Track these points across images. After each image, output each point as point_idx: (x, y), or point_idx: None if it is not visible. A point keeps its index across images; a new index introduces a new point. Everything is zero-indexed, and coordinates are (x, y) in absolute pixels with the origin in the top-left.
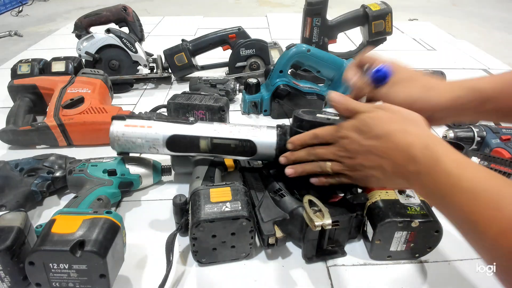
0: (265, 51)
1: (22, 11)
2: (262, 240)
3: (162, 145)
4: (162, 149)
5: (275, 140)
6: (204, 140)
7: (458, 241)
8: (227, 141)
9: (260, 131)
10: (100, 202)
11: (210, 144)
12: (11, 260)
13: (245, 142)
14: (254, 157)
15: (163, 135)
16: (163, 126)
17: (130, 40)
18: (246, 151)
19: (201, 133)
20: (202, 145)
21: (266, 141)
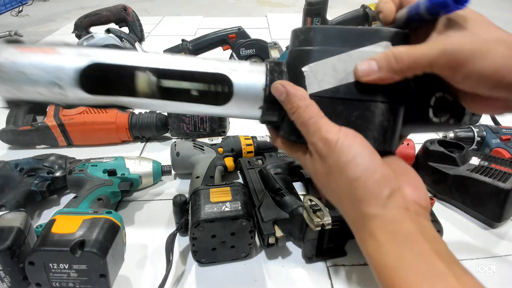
0: (265, 51)
1: (22, 11)
2: (262, 240)
3: (70, 81)
4: (71, 90)
5: (263, 79)
6: (144, 74)
7: (458, 241)
8: (184, 79)
9: (239, 64)
10: (100, 202)
11: (155, 84)
12: (11, 260)
13: (215, 79)
14: (227, 110)
15: (74, 66)
16: (75, 53)
17: (130, 40)
18: (216, 96)
19: (139, 63)
20: (141, 83)
21: (249, 81)
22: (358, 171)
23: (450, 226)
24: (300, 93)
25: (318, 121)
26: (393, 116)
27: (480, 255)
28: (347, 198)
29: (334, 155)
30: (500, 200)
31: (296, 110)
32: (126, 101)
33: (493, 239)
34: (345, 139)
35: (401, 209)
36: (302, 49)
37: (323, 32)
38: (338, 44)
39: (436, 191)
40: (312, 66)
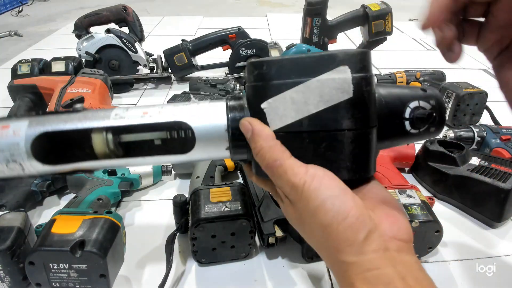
0: (265, 51)
1: (22, 11)
2: (262, 240)
3: (26, 155)
4: (29, 163)
5: (225, 120)
6: (100, 134)
7: (458, 241)
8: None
9: (197, 107)
10: (100, 202)
11: (113, 142)
12: (11, 260)
13: (174, 128)
14: (194, 155)
15: (25, 136)
16: (24, 124)
17: (130, 40)
18: (179, 143)
19: (94, 123)
20: (98, 144)
21: (210, 124)
22: (329, 217)
23: (450, 226)
24: (265, 132)
25: (283, 163)
26: (364, 141)
27: (480, 255)
28: (322, 245)
29: (303, 200)
30: (500, 200)
31: (259, 151)
32: (87, 166)
33: (493, 239)
34: (312, 181)
35: (380, 251)
36: (257, 84)
37: (277, 64)
38: (294, 76)
39: (436, 191)
40: (271, 102)
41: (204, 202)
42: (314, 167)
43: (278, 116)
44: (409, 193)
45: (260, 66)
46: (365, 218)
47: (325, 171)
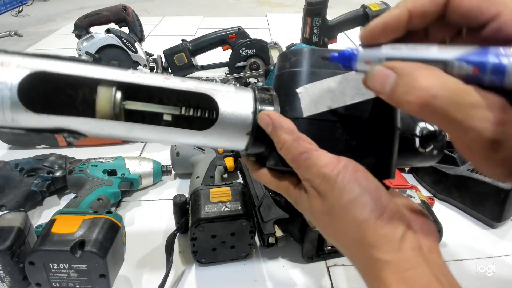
0: (265, 51)
1: (22, 11)
2: (262, 240)
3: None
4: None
5: (252, 103)
6: (108, 89)
7: (459, 241)
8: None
9: (223, 86)
10: (100, 202)
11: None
12: (11, 260)
13: (197, 100)
14: (209, 135)
15: (14, 70)
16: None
17: (130, 40)
18: (196, 119)
19: (105, 75)
20: (102, 99)
21: (236, 103)
22: (365, 212)
23: (450, 226)
24: (287, 125)
25: (311, 155)
26: (392, 141)
27: (480, 255)
28: (354, 242)
29: (335, 192)
30: (500, 200)
31: (283, 144)
32: (79, 124)
33: (493, 239)
34: (347, 173)
35: (415, 250)
36: (295, 70)
37: (316, 53)
38: (332, 66)
39: (436, 191)
40: (307, 87)
41: (204, 202)
42: (346, 159)
43: (313, 103)
44: (409, 193)
45: (300, 53)
46: (401, 214)
47: (358, 164)
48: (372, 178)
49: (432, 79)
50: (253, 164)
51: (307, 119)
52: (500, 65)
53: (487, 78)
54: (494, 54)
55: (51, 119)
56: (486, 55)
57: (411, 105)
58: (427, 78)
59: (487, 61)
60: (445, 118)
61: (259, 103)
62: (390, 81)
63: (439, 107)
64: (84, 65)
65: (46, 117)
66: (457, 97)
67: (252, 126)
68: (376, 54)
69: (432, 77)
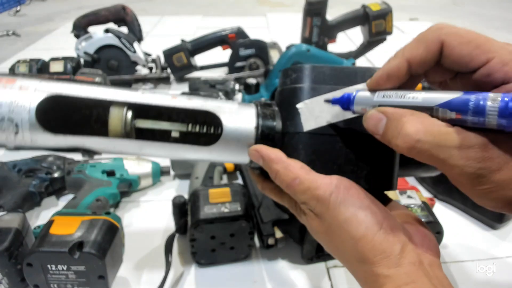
0: (265, 51)
1: (19, 10)
2: (262, 241)
3: (27, 115)
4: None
5: (254, 122)
6: (120, 109)
7: (459, 242)
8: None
9: (226, 104)
10: (98, 203)
11: (130, 122)
12: (9, 261)
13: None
14: (214, 151)
15: (33, 94)
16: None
17: (129, 40)
18: (201, 136)
19: (117, 96)
20: (114, 119)
21: (239, 123)
22: (362, 229)
23: (450, 227)
24: (274, 155)
25: (304, 180)
26: (393, 153)
27: (481, 256)
28: (354, 259)
29: (330, 212)
30: None
31: (276, 174)
32: (93, 143)
33: (494, 240)
34: (339, 192)
35: (415, 264)
36: (295, 86)
37: (316, 70)
38: (332, 82)
39: (437, 192)
40: (307, 102)
41: (204, 203)
42: (338, 178)
43: (313, 117)
44: (409, 194)
45: (299, 70)
46: (399, 229)
47: (350, 182)
48: (365, 195)
49: (416, 125)
50: (258, 176)
51: (308, 133)
52: (480, 110)
53: (469, 120)
54: (474, 100)
55: (67, 139)
56: (467, 102)
57: (399, 148)
58: (412, 125)
59: (468, 108)
60: (431, 158)
61: (262, 118)
62: (382, 124)
63: (423, 150)
64: (97, 88)
65: (63, 137)
66: (439, 140)
67: (255, 141)
68: (369, 101)
69: (417, 123)
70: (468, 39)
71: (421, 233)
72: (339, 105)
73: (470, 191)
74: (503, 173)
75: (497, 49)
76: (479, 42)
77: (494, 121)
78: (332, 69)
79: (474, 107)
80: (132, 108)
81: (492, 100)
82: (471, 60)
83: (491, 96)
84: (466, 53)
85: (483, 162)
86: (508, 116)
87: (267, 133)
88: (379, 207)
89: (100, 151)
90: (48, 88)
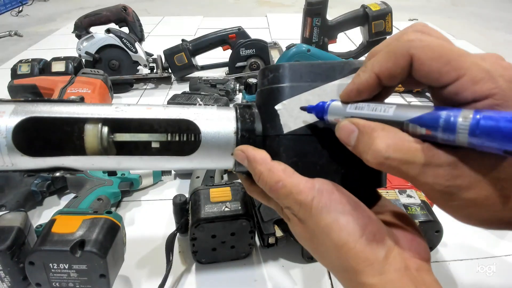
0: (265, 51)
1: (22, 11)
2: (262, 240)
3: (5, 140)
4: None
5: (234, 123)
6: (95, 125)
7: (459, 241)
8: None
9: (205, 110)
10: (100, 202)
11: (107, 138)
12: (11, 260)
13: (180, 126)
14: (195, 159)
15: (8, 119)
16: (10, 107)
17: (130, 40)
18: (180, 145)
19: (90, 113)
20: (90, 136)
21: (217, 128)
22: (344, 236)
23: (450, 226)
24: (260, 156)
25: (286, 183)
26: None
27: (480, 255)
28: (338, 267)
29: (313, 218)
30: None
31: (259, 176)
32: (72, 162)
33: (493, 239)
34: (322, 197)
35: (401, 270)
36: (273, 87)
37: (293, 68)
38: (309, 79)
39: None
40: (285, 103)
41: (204, 202)
42: (321, 181)
43: (292, 118)
44: (409, 193)
45: (276, 69)
46: (383, 234)
47: (334, 185)
48: (348, 199)
49: (387, 141)
50: (245, 180)
51: (288, 135)
52: (450, 128)
53: (439, 137)
54: (445, 116)
55: (46, 160)
56: (437, 118)
57: (369, 163)
58: (382, 140)
59: (438, 124)
60: (401, 174)
61: (241, 122)
62: (353, 136)
63: (392, 166)
64: (70, 106)
65: (42, 159)
66: (408, 157)
67: (236, 145)
68: (342, 112)
69: (387, 139)
70: (439, 53)
71: (408, 236)
72: (314, 114)
73: (443, 207)
74: (473, 191)
75: (469, 65)
76: (450, 58)
77: (465, 139)
78: (310, 66)
79: (444, 124)
80: (109, 123)
81: (463, 118)
82: (440, 77)
83: (462, 113)
84: (435, 69)
85: (452, 180)
86: (479, 135)
87: (247, 137)
88: (362, 211)
89: (80, 169)
90: (23, 111)
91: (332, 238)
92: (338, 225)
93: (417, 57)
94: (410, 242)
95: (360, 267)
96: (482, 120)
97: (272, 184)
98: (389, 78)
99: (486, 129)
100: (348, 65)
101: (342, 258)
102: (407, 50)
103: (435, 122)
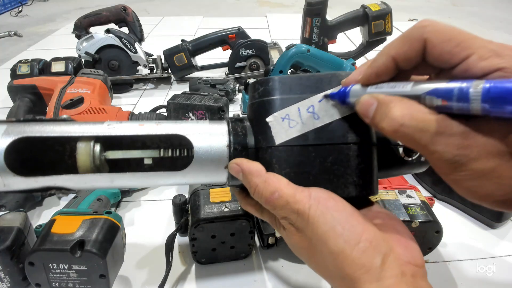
0: (265, 51)
1: (21, 11)
2: (262, 240)
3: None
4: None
5: (226, 140)
6: (87, 143)
7: (458, 241)
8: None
9: (197, 124)
10: (99, 202)
11: (99, 156)
12: (11, 260)
13: (172, 141)
14: (188, 174)
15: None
16: (2, 128)
17: (129, 40)
18: (174, 160)
19: (82, 131)
20: (82, 155)
21: (210, 142)
22: (340, 243)
23: (450, 226)
24: (254, 168)
25: (282, 193)
26: (368, 156)
27: (480, 255)
28: (336, 275)
29: (310, 226)
30: None
31: (255, 189)
32: (65, 181)
33: (493, 239)
34: (318, 205)
35: (398, 276)
36: (263, 100)
37: (282, 81)
38: (299, 92)
39: (436, 191)
40: (276, 115)
41: (204, 203)
42: (317, 190)
43: (283, 130)
44: (409, 193)
45: (266, 82)
46: (379, 241)
47: (329, 193)
48: (343, 207)
49: (402, 110)
50: (239, 193)
51: (280, 146)
52: (464, 96)
53: (455, 107)
54: (459, 86)
55: (38, 180)
56: (452, 88)
57: (385, 130)
58: (398, 109)
59: (452, 94)
60: (413, 142)
61: (233, 135)
62: (372, 108)
63: (406, 134)
64: (62, 125)
65: (33, 179)
66: (422, 126)
67: (229, 159)
68: (363, 93)
69: (403, 109)
70: (450, 36)
71: (403, 242)
72: (337, 99)
73: (448, 177)
74: (481, 162)
75: (477, 46)
76: (461, 40)
77: (478, 106)
78: (298, 78)
79: (458, 93)
80: (101, 141)
81: (475, 86)
82: (452, 58)
83: (475, 82)
84: (447, 50)
85: (462, 149)
86: (490, 101)
87: (240, 150)
88: (358, 219)
89: (73, 188)
90: (15, 131)
91: (329, 245)
92: (335, 232)
93: (430, 41)
94: (404, 248)
95: (357, 274)
96: (492, 86)
97: (268, 195)
98: (405, 61)
99: (497, 92)
100: (335, 77)
101: (339, 266)
102: (421, 35)
103: (449, 92)
